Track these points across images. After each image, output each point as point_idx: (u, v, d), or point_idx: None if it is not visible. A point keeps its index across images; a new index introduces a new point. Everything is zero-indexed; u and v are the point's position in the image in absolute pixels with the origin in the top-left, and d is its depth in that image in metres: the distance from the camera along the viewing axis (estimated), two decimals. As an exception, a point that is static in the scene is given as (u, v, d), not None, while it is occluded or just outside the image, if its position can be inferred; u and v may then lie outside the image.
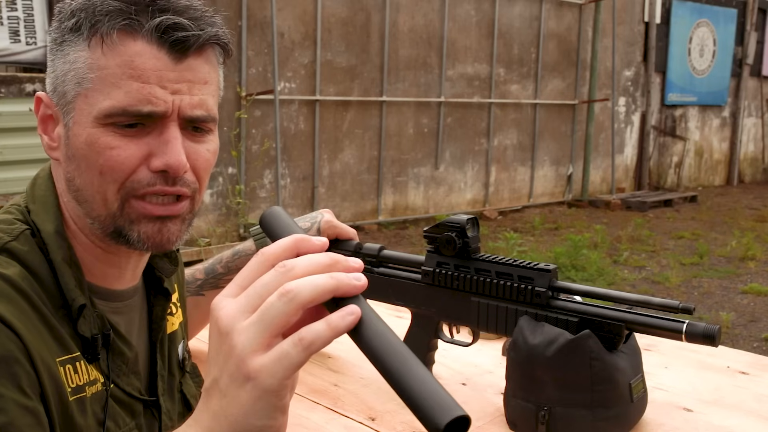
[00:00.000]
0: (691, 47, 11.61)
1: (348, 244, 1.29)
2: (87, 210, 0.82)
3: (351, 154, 7.74)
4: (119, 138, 0.78)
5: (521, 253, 6.34)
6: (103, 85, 0.77)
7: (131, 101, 0.76)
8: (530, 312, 1.07)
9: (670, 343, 1.10)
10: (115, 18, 0.76)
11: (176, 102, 0.78)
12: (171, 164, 0.78)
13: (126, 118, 0.77)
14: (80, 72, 0.78)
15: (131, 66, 0.76)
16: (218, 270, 1.30)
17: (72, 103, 0.79)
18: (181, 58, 0.78)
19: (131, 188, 0.79)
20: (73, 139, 0.79)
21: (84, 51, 0.78)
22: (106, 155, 0.78)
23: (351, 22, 7.50)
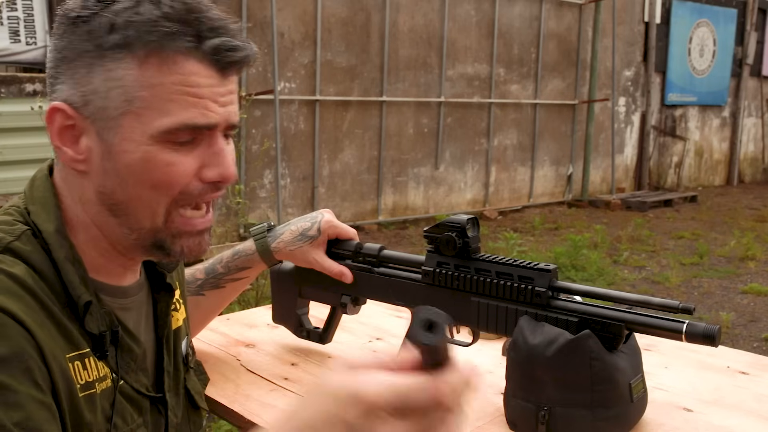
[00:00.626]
0: (691, 47, 11.61)
1: (348, 244, 1.29)
2: (127, 222, 0.83)
3: (351, 154, 7.74)
4: (175, 154, 0.80)
5: (521, 253, 6.34)
6: (158, 103, 0.78)
7: (190, 116, 0.79)
8: (530, 312, 1.07)
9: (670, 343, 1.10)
10: (175, 39, 0.77)
11: (224, 114, 0.82)
12: (226, 175, 0.83)
13: (185, 134, 0.80)
14: (129, 90, 0.78)
15: (187, 83, 0.78)
16: (218, 270, 1.30)
17: (117, 119, 0.79)
18: (228, 75, 0.82)
19: (180, 199, 0.82)
20: (122, 155, 0.80)
21: (133, 69, 0.78)
22: (163, 171, 0.80)
23: (351, 22, 7.50)
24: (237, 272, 1.30)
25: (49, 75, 0.83)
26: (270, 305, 1.47)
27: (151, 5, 0.77)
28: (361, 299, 1.31)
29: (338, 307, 1.32)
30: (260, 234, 1.29)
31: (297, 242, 1.27)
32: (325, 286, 1.31)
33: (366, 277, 1.26)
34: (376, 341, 1.44)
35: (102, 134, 0.80)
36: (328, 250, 1.29)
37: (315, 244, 1.27)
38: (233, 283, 1.31)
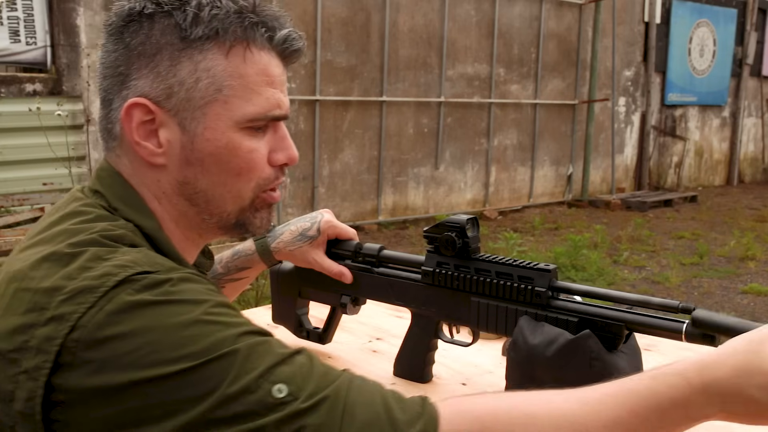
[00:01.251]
0: (691, 47, 11.61)
1: (348, 245, 1.29)
2: (208, 208, 0.86)
3: (351, 154, 7.74)
4: (255, 140, 0.85)
5: (521, 253, 6.34)
6: (244, 92, 0.82)
7: (270, 106, 0.85)
8: (530, 312, 1.07)
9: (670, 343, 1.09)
10: (254, 31, 0.82)
11: (287, 103, 0.89)
12: (293, 157, 0.89)
13: (263, 122, 0.85)
14: (218, 80, 0.81)
15: (266, 74, 0.84)
16: (218, 270, 1.30)
17: (202, 108, 0.82)
18: (288, 65, 0.89)
19: (263, 185, 0.88)
20: (206, 143, 0.83)
21: (221, 60, 0.81)
22: (247, 157, 0.84)
23: (351, 22, 7.51)
24: (236, 272, 1.30)
25: (115, 74, 0.83)
26: (270, 305, 1.47)
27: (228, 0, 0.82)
28: (361, 299, 1.31)
29: (338, 307, 1.32)
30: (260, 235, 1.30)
31: (296, 242, 1.27)
32: (324, 286, 1.31)
33: (366, 277, 1.26)
34: (376, 341, 1.44)
35: (185, 125, 0.82)
36: (328, 251, 1.29)
37: (314, 244, 1.27)
38: (233, 284, 1.31)
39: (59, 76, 5.90)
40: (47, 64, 5.86)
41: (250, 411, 0.65)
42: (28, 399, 0.67)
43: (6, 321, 0.70)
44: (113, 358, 0.66)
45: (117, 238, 0.77)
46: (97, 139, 6.12)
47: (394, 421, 0.69)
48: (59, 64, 5.89)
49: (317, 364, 0.74)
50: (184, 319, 0.69)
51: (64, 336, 0.67)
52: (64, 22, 5.86)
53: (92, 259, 0.72)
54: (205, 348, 0.67)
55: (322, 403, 0.68)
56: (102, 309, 0.68)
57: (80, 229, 0.77)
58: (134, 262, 0.72)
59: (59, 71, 5.90)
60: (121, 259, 0.72)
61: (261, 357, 0.69)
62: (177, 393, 0.65)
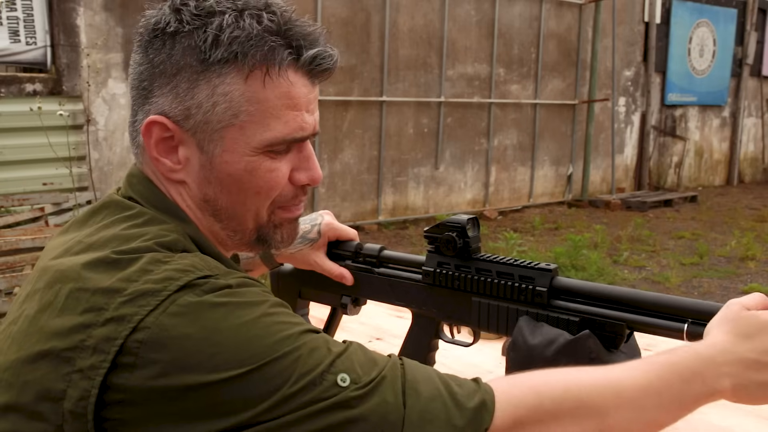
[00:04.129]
0: (691, 47, 11.61)
1: (348, 245, 1.29)
2: (231, 224, 0.87)
3: (351, 154, 7.74)
4: (273, 162, 0.84)
5: (521, 253, 6.34)
6: (263, 117, 0.81)
7: (290, 131, 0.83)
8: (531, 312, 1.07)
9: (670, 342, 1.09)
10: (276, 53, 0.80)
11: (313, 122, 0.86)
12: (315, 179, 0.88)
13: (285, 146, 0.84)
14: (235, 105, 0.80)
15: (289, 96, 0.81)
16: None
17: (219, 132, 0.81)
18: (318, 82, 0.86)
19: (279, 202, 0.87)
20: (224, 165, 0.83)
21: (239, 84, 0.80)
22: (265, 178, 0.84)
23: (351, 22, 7.50)
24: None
25: (140, 87, 0.84)
26: (270, 305, 1.47)
27: (252, 20, 0.79)
28: (362, 300, 1.31)
29: (338, 308, 1.32)
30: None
31: (297, 245, 1.26)
32: (325, 287, 1.31)
33: (366, 277, 1.26)
34: (376, 341, 1.44)
35: (203, 146, 0.82)
36: (328, 251, 1.29)
37: (315, 246, 1.27)
38: None
39: (59, 76, 5.90)
40: (47, 64, 5.86)
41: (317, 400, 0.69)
42: (81, 398, 0.67)
43: (62, 320, 0.71)
44: (179, 360, 0.68)
45: (170, 244, 0.78)
46: (97, 139, 6.12)
47: (453, 394, 0.75)
48: (59, 64, 5.89)
49: (368, 352, 0.78)
50: (246, 320, 0.71)
51: (125, 337, 0.68)
52: (64, 22, 5.86)
53: (152, 262, 0.74)
54: (268, 348, 0.70)
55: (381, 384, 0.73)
56: (166, 311, 0.69)
57: (133, 234, 0.78)
58: (194, 267, 0.74)
59: (59, 71, 5.90)
60: (181, 263, 0.74)
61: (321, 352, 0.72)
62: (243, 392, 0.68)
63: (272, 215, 0.88)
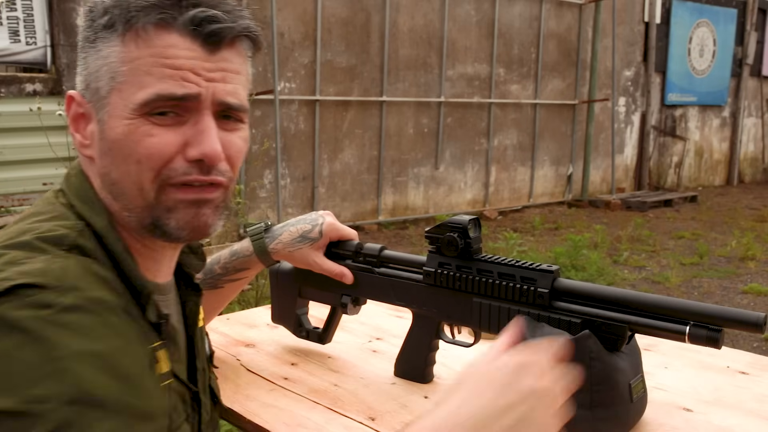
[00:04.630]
0: (691, 47, 11.61)
1: (349, 245, 1.29)
2: (124, 203, 0.82)
3: (351, 154, 7.74)
4: (156, 127, 0.79)
5: (521, 253, 6.34)
6: (135, 76, 0.78)
7: (165, 86, 0.78)
8: (533, 313, 1.07)
9: (670, 343, 1.10)
10: (150, 12, 0.77)
11: (210, 89, 0.80)
12: (207, 153, 0.80)
13: (161, 104, 0.78)
14: (113, 66, 0.79)
15: (164, 55, 0.78)
16: (216, 271, 1.30)
17: (106, 98, 0.80)
18: (215, 50, 0.80)
19: (167, 176, 0.80)
20: (109, 132, 0.80)
21: (117, 46, 0.79)
22: (144, 143, 0.79)
23: (351, 22, 7.50)
24: (235, 273, 1.30)
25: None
26: (270, 305, 1.47)
27: None
28: (362, 299, 1.31)
29: (338, 307, 1.32)
30: (257, 235, 1.28)
31: (297, 244, 1.26)
32: (325, 286, 1.31)
33: (367, 277, 1.26)
34: (376, 341, 1.44)
35: (98, 115, 0.82)
36: (328, 251, 1.29)
37: (315, 246, 1.27)
38: (231, 284, 1.31)
39: (59, 76, 5.90)
40: (47, 64, 5.86)
41: None
42: None
43: None
44: None
45: (56, 240, 0.75)
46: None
47: None
48: (59, 64, 5.89)
49: None
50: (27, 358, 0.63)
51: None
52: (64, 22, 5.86)
53: (8, 261, 0.71)
54: (21, 399, 0.61)
55: None
56: None
57: (25, 229, 0.77)
58: (41, 272, 0.69)
59: (59, 71, 5.90)
60: (30, 267, 0.69)
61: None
62: None
63: (162, 193, 0.81)
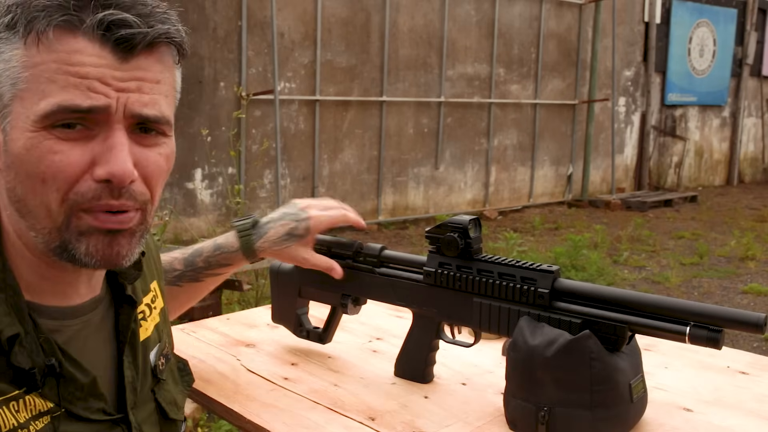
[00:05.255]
0: (691, 47, 11.61)
1: (349, 245, 1.29)
2: (30, 222, 0.74)
3: (351, 154, 7.74)
4: (61, 142, 0.71)
5: (521, 253, 6.34)
6: (37, 83, 0.70)
7: (68, 96, 0.69)
8: (533, 313, 1.07)
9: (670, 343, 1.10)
10: (53, 14, 0.69)
11: (122, 100, 0.71)
12: (115, 173, 0.71)
13: (64, 115, 0.70)
14: (15, 71, 0.70)
15: (69, 62, 0.69)
16: (198, 263, 1.25)
17: (9, 106, 0.72)
18: (128, 57, 0.71)
19: (75, 201, 0.72)
20: (11, 145, 0.72)
21: (19, 49, 0.70)
22: (47, 161, 0.70)
23: (351, 22, 7.50)
24: (218, 268, 1.26)
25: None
26: (270, 305, 1.47)
27: None
28: (362, 299, 1.31)
29: (338, 307, 1.32)
30: (245, 231, 1.24)
31: (284, 243, 1.24)
32: (325, 286, 1.31)
33: (367, 277, 1.26)
34: (376, 341, 1.44)
35: (2, 124, 0.73)
36: (327, 252, 1.29)
37: (303, 242, 1.25)
38: (212, 278, 1.27)
39: (59, 76, 5.90)
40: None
41: None
42: None
43: None
44: None
45: None
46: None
47: None
48: (59, 63, 5.88)
49: None
50: None
51: None
52: (64, 22, 5.86)
53: None
54: None
55: None
56: None
57: None
58: None
59: (59, 71, 5.89)
60: None
61: None
62: None
63: (72, 217, 0.73)
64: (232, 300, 4.46)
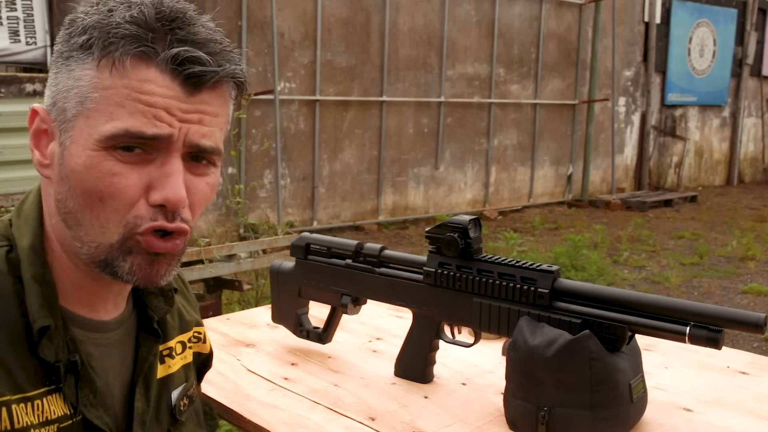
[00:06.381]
0: (691, 47, 11.61)
1: (349, 245, 1.29)
2: (78, 233, 0.77)
3: (351, 154, 7.74)
4: (120, 164, 0.74)
5: (521, 253, 6.34)
6: (106, 105, 0.73)
7: (135, 122, 0.73)
8: (533, 313, 1.07)
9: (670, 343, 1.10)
10: (131, 43, 0.72)
11: (183, 130, 0.75)
12: (171, 199, 0.75)
13: (128, 140, 0.73)
14: (84, 90, 0.74)
15: (140, 90, 0.73)
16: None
17: (71, 121, 0.75)
18: (195, 92, 0.75)
19: (134, 225, 0.76)
20: (69, 159, 0.75)
21: (91, 70, 0.74)
22: (106, 181, 0.74)
23: (351, 22, 7.50)
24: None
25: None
26: (270, 305, 1.47)
27: (125, 9, 0.74)
28: (362, 299, 1.31)
29: (338, 307, 1.32)
30: None
31: None
32: (325, 286, 1.31)
33: (367, 277, 1.26)
34: (376, 341, 1.44)
35: (61, 137, 0.77)
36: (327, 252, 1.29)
37: None
38: None
39: (59, 76, 5.90)
40: (47, 64, 5.86)
41: None
42: None
43: None
44: None
45: None
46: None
47: None
48: (59, 64, 5.89)
49: None
50: None
51: None
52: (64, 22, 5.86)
53: None
54: None
55: None
56: None
57: None
58: None
59: (59, 71, 5.90)
60: None
61: None
62: None
63: (127, 239, 0.77)
64: (232, 300, 4.46)
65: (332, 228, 7.40)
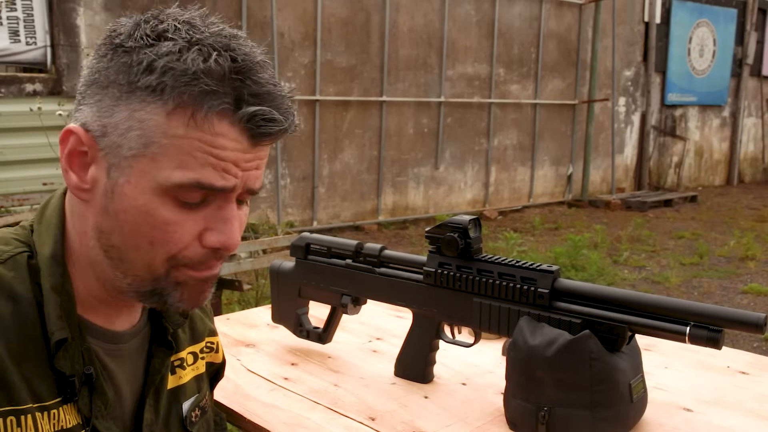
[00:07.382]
0: (691, 47, 11.61)
1: (349, 245, 1.29)
2: (120, 267, 0.78)
3: (351, 154, 7.74)
4: (177, 212, 0.75)
5: (521, 253, 6.34)
6: (176, 153, 0.72)
7: (206, 174, 0.73)
8: (533, 313, 1.07)
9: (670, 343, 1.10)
10: (209, 99, 0.71)
11: (244, 178, 0.76)
12: (229, 246, 0.77)
13: (197, 193, 0.74)
14: (149, 134, 0.72)
15: (212, 144, 0.73)
16: None
17: (129, 159, 0.73)
18: (260, 144, 0.76)
19: (181, 260, 0.77)
20: (123, 198, 0.74)
21: (159, 116, 0.72)
22: (161, 229, 0.75)
23: (351, 22, 7.50)
24: None
25: (79, 92, 0.78)
26: (270, 305, 1.47)
27: (198, 55, 0.71)
28: (362, 299, 1.31)
29: (338, 307, 1.32)
30: None
31: None
32: (325, 286, 1.31)
33: (367, 277, 1.26)
34: (376, 341, 1.44)
35: (111, 171, 0.75)
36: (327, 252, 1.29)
37: None
38: None
39: (59, 76, 5.90)
40: (47, 64, 5.86)
41: None
42: None
43: None
44: None
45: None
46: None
47: None
48: (59, 64, 5.89)
49: None
50: None
51: None
52: (64, 22, 5.86)
53: None
54: None
55: None
56: None
57: None
58: None
59: (59, 71, 5.90)
60: None
61: None
62: None
63: (173, 271, 0.77)
64: (232, 300, 4.46)
65: (332, 228, 7.40)
